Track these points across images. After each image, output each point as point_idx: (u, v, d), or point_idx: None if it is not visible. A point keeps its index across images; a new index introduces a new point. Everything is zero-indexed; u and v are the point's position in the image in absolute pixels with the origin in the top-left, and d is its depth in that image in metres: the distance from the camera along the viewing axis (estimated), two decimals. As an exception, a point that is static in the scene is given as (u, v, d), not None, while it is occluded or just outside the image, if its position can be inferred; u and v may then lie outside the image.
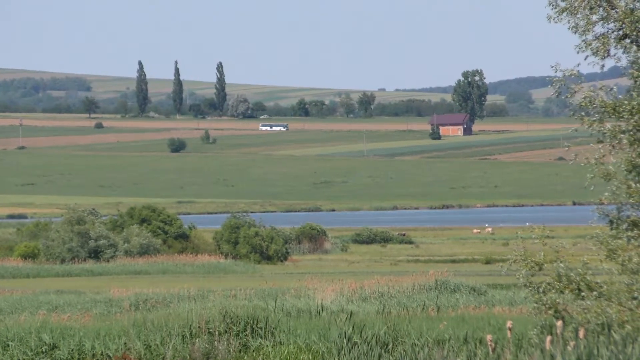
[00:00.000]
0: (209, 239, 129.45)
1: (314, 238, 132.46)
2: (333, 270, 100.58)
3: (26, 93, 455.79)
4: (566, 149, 46.94)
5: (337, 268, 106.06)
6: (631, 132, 41.98)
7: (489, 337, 38.86)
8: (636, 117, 42.08)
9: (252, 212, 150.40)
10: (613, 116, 42.46)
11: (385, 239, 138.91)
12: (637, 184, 41.69)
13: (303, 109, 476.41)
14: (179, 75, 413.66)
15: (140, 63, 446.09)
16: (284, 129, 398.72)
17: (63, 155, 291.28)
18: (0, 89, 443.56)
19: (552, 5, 42.62)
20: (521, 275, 45.02)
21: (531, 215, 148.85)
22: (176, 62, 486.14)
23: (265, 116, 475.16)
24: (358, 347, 44.14)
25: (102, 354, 46.83)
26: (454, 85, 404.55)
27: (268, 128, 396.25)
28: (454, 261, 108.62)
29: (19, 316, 62.10)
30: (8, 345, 50.13)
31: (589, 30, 42.49)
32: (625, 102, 42.29)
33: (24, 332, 52.44)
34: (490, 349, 37.90)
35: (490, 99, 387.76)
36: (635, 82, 42.40)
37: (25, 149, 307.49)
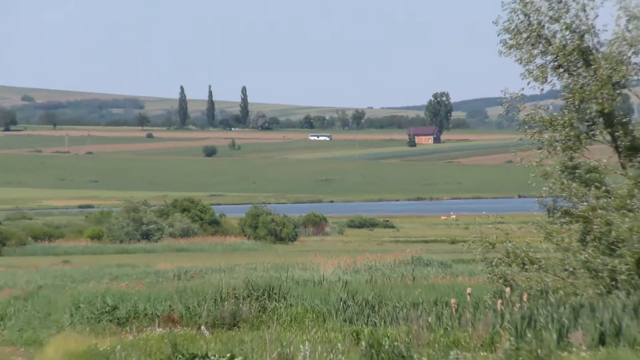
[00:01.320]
0: (235, 224, 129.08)
1: (317, 224, 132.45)
2: (332, 248, 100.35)
3: (92, 111, 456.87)
4: (513, 154, 47.06)
5: (335, 247, 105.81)
6: (563, 141, 42.11)
7: (453, 300, 38.88)
8: (567, 130, 42.21)
9: (268, 204, 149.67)
10: (549, 129, 42.53)
11: (372, 224, 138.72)
12: (568, 182, 41.81)
13: (308, 123, 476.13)
14: (211, 96, 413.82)
15: (181, 87, 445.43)
16: (328, 139, 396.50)
17: (121, 159, 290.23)
18: (73, 107, 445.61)
19: (503, 43, 42.71)
20: (478, 253, 45.14)
21: (486, 206, 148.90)
22: (210, 87, 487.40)
23: (308, 129, 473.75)
24: (351, 308, 44.25)
25: (152, 314, 46.73)
26: (426, 104, 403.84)
27: (316, 138, 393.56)
28: (426, 242, 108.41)
29: (87, 284, 62.10)
30: (79, 307, 50.06)
31: (531, 62, 42.53)
32: (559, 117, 42.42)
33: (92, 296, 52.46)
34: (453, 309, 37.95)
35: (454, 115, 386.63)
36: (567, 102, 42.50)
37: (92, 154, 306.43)
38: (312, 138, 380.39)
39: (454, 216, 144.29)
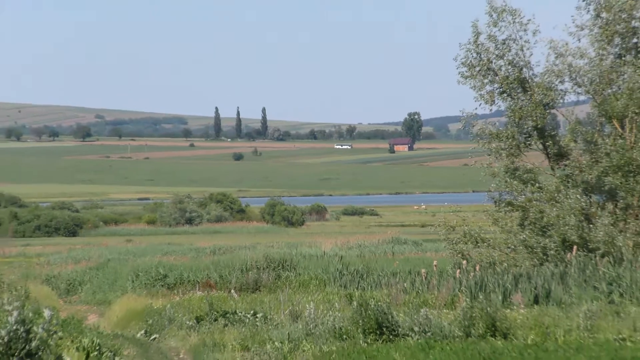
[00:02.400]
0: (257, 212, 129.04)
1: (319, 212, 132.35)
2: (330, 231, 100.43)
3: (148, 126, 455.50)
4: (469, 158, 46.99)
5: (333, 230, 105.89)
6: (507, 149, 42.12)
7: (422, 270, 38.87)
8: (509, 140, 42.19)
9: (282, 197, 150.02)
10: (496, 140, 42.54)
11: (362, 213, 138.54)
12: (510, 180, 41.84)
13: (312, 135, 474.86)
14: (239, 115, 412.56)
15: (216, 108, 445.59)
16: (349, 148, 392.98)
17: (170, 163, 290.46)
18: (134, 123, 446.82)
19: (461, 74, 42.71)
20: (442, 234, 45.17)
21: (448, 198, 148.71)
22: (237, 108, 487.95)
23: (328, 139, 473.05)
24: (345, 276, 44.26)
25: (193, 280, 46.83)
26: (403, 120, 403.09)
27: (340, 146, 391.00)
28: (402, 225, 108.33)
29: (144, 258, 62.14)
30: (138, 275, 50.19)
31: (482, 89, 42.47)
32: (503, 131, 42.43)
33: (148, 267, 52.52)
34: (423, 277, 37.93)
35: (424, 129, 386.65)
36: (509, 119, 42.48)
37: (148, 159, 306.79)
38: (337, 147, 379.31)
39: (424, 206, 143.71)
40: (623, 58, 41.87)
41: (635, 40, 42.17)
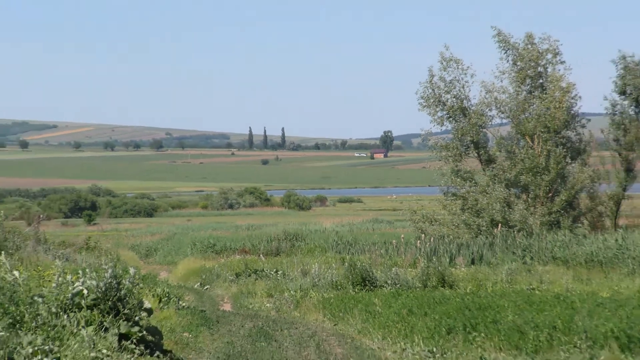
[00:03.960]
0: (278, 200, 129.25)
1: (321, 200, 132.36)
2: (329, 214, 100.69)
3: (203, 140, 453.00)
4: (426, 163, 47.02)
5: (331, 213, 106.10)
6: (452, 157, 42.10)
7: (394, 241, 38.82)
8: (454, 151, 42.21)
9: (295, 189, 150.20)
10: (445, 150, 42.57)
11: (351, 201, 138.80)
12: (455, 178, 41.81)
13: (317, 147, 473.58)
14: (265, 132, 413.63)
15: (250, 128, 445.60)
16: (365, 155, 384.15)
17: (217, 167, 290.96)
18: (194, 138, 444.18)
19: (420, 104, 42.70)
20: (407, 215, 45.26)
21: (412, 190, 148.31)
22: (264, 127, 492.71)
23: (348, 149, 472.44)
24: (340, 245, 44.18)
25: (234, 248, 46.51)
26: (380, 136, 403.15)
27: (359, 154, 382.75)
28: (380, 210, 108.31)
29: (199, 232, 62.23)
30: (195, 244, 50.12)
31: (435, 114, 42.38)
32: (450, 144, 42.40)
33: (202, 238, 52.47)
34: (394, 246, 37.92)
35: (395, 142, 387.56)
36: (454, 136, 42.45)
37: (202, 164, 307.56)
38: (357, 155, 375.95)
39: (395, 196, 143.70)
40: (532, 93, 41.95)
41: (540, 81, 42.20)
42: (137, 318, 12.75)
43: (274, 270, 32.41)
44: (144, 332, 12.59)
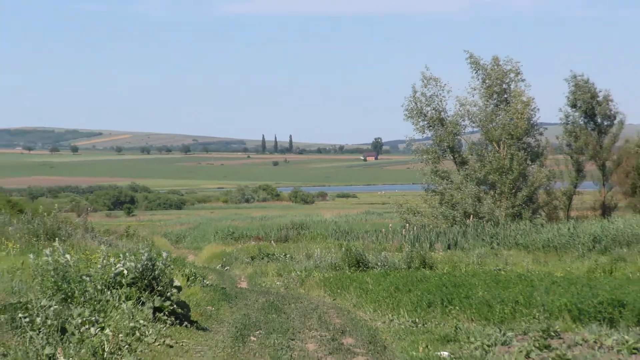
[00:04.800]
0: (286, 195, 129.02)
1: (323, 196, 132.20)
2: (329, 207, 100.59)
3: (223, 146, 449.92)
4: (410, 164, 46.92)
5: (331, 206, 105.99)
6: (432, 159, 42.06)
7: (383, 230, 38.75)
8: (434, 154, 42.16)
9: (301, 187, 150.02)
10: (426, 154, 42.51)
11: (347, 196, 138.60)
12: (434, 177, 41.77)
13: (319, 151, 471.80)
14: (276, 138, 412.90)
15: (263, 135, 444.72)
16: (373, 158, 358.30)
17: (236, 167, 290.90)
18: (215, 144, 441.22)
19: (404, 115, 42.66)
20: (394, 208, 45.21)
21: (398, 187, 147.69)
22: (275, 135, 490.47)
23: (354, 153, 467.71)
24: (338, 233, 44.15)
25: (249, 235, 45.83)
26: (371, 142, 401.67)
27: (369, 156, 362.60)
28: (371, 204, 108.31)
29: (221, 222, 61.82)
30: (217, 232, 49.90)
31: (417, 124, 42.36)
32: (430, 148, 42.37)
33: (223, 227, 52.26)
34: (383, 234, 37.86)
35: (384, 147, 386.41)
36: (434, 142, 42.43)
37: (223, 165, 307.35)
38: (361, 158, 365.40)
39: (384, 192, 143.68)
40: (498, 106, 41.91)
41: (505, 95, 42.17)
42: (168, 294, 12.76)
43: (283, 254, 32.39)
44: (175, 306, 12.61)
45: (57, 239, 14.27)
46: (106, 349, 9.20)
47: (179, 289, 13.39)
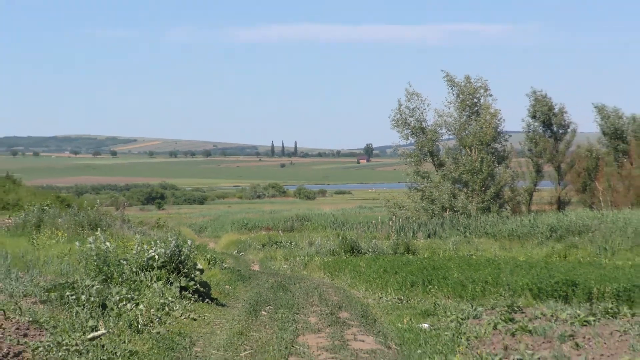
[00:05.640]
0: (292, 192, 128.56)
1: (323, 192, 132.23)
2: (328, 202, 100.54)
3: (240, 150, 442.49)
4: (397, 166, 46.80)
5: (329, 202, 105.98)
6: (414, 162, 41.97)
7: (373, 221, 38.63)
8: (416, 158, 42.03)
9: (304, 185, 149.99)
10: (409, 157, 42.37)
11: (343, 193, 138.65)
12: (416, 176, 41.68)
13: (319, 155, 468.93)
14: (283, 144, 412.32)
15: (272, 142, 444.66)
16: (367, 161, 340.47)
17: (249, 169, 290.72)
18: (233, 149, 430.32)
19: (391, 125, 42.53)
20: (383, 203, 45.10)
21: (386, 186, 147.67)
22: (282, 140, 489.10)
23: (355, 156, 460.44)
24: (335, 224, 44.06)
25: (260, 226, 45.03)
26: (364, 147, 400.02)
27: (358, 162, 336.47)
28: (364, 199, 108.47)
29: (237, 215, 61.92)
30: (234, 223, 49.64)
31: (402, 132, 42.19)
32: (413, 153, 42.28)
33: (238, 219, 51.62)
34: (374, 224, 37.73)
35: (375, 152, 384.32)
36: (416, 147, 42.33)
37: (239, 167, 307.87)
38: (381, 161, 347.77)
39: (374, 190, 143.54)
40: (470, 117, 41.84)
41: (476, 108, 42.09)
42: (192, 275, 12.77)
43: (289, 241, 32.36)
44: (198, 285, 12.62)
45: (98, 229, 14.26)
46: (140, 322, 9.23)
47: (202, 271, 13.39)
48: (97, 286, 9.89)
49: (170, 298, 11.23)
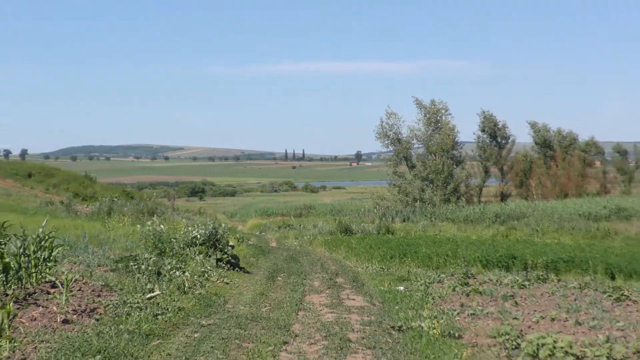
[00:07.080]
0: (301, 188, 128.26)
1: (324, 188, 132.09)
2: (328, 195, 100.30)
3: (260, 156, 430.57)
4: (380, 167, 46.64)
5: (328, 194, 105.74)
6: (393, 164, 41.78)
7: (362, 209, 38.45)
8: (394, 161, 41.84)
9: (310, 182, 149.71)
10: (389, 161, 42.20)
11: (339, 188, 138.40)
12: (395, 175, 41.54)
13: (322, 159, 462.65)
14: (294, 151, 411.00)
15: (285, 149, 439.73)
16: (370, 164, 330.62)
17: (267, 171, 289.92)
18: (254, 155, 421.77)
19: (375, 137, 42.27)
20: (369, 195, 44.84)
21: (372, 183, 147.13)
22: (294, 149, 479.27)
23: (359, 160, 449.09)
24: (333, 211, 43.80)
25: (277, 212, 44.78)
26: (354, 153, 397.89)
27: (363, 163, 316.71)
28: (354, 193, 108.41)
29: (259, 204, 61.10)
30: (257, 210, 48.82)
31: (384, 142, 41.97)
32: (392, 158, 42.03)
33: (261, 207, 51.73)
34: (362, 212, 37.44)
35: (363, 157, 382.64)
36: (394, 153, 42.04)
37: (260, 169, 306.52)
38: (367, 164, 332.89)
39: (363, 186, 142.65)
40: (435, 131, 41.70)
41: (439, 124, 41.92)
42: (226, 250, 12.77)
43: (299, 224, 32.25)
44: (230, 258, 12.62)
45: (155, 215, 14.29)
46: (186, 285, 9.27)
47: (232, 247, 13.38)
48: (154, 258, 9.96)
49: (208, 267, 11.24)
